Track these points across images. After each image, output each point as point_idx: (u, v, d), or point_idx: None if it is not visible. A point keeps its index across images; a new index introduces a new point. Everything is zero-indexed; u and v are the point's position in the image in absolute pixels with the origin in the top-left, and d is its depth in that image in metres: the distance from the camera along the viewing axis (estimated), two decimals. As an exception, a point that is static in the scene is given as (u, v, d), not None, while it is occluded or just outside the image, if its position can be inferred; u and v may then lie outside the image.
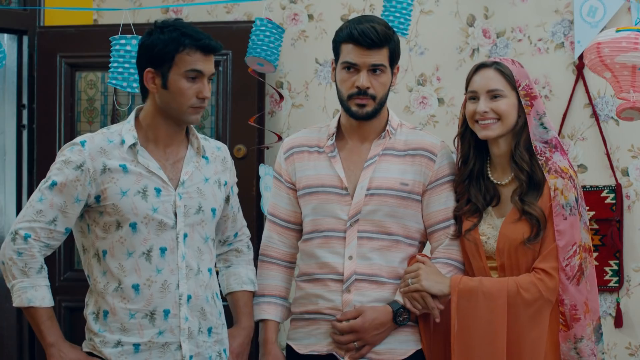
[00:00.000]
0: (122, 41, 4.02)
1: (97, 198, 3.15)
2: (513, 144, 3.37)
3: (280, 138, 4.81)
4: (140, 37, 3.98)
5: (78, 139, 3.21)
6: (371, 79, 3.36)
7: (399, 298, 3.37)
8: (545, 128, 3.39)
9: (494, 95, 3.34)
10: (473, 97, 3.38)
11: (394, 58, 3.41)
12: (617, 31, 3.48)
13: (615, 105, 4.43)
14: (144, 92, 3.26)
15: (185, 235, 3.22)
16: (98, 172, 3.14)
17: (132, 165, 3.18)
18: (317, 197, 3.45)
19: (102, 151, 3.17)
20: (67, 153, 3.17)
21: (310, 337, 3.44)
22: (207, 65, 3.21)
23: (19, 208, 5.16)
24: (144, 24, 5.12)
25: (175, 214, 3.21)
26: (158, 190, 3.19)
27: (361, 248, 3.39)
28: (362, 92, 3.36)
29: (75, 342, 4.81)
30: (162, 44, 3.17)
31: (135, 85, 4.03)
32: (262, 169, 4.69)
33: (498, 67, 3.37)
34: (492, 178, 3.44)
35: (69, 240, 3.32)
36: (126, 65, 4.02)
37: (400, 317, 3.35)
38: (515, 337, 3.27)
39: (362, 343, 3.35)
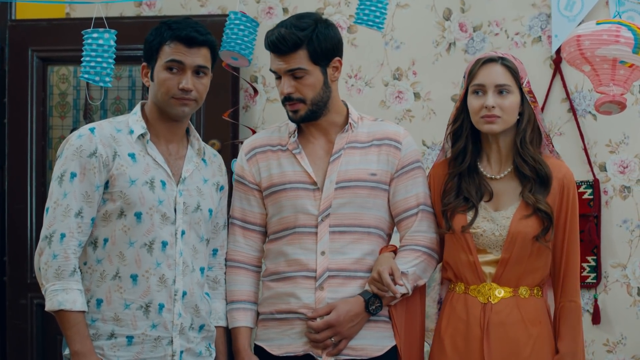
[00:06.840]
0: (95, 35, 3.96)
1: (106, 184, 3.16)
2: (518, 139, 3.37)
3: (254, 133, 4.77)
4: (112, 30, 3.96)
5: (85, 127, 3.23)
6: (294, 83, 3.34)
7: (369, 287, 3.35)
8: (544, 124, 3.44)
9: (501, 90, 3.33)
10: (479, 90, 3.35)
11: (318, 56, 3.34)
12: (598, 24, 3.46)
13: (593, 100, 4.42)
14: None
15: (182, 232, 3.24)
16: (110, 158, 3.16)
17: (141, 156, 3.22)
18: (285, 194, 3.42)
19: (112, 138, 3.20)
20: (77, 142, 3.17)
21: (284, 338, 3.41)
22: (189, 57, 3.23)
23: (-10, 203, 5.10)
24: (117, 17, 5.08)
25: (175, 210, 3.23)
26: (163, 183, 3.22)
27: (333, 243, 3.37)
28: (287, 98, 3.35)
29: (47, 339, 4.79)
30: (151, 39, 3.25)
31: (107, 79, 3.99)
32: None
33: (505, 62, 3.36)
34: (484, 172, 3.42)
35: (40, 236, 3.26)
36: (98, 59, 3.97)
37: (372, 305, 3.35)
38: None
39: (338, 338, 3.33)
